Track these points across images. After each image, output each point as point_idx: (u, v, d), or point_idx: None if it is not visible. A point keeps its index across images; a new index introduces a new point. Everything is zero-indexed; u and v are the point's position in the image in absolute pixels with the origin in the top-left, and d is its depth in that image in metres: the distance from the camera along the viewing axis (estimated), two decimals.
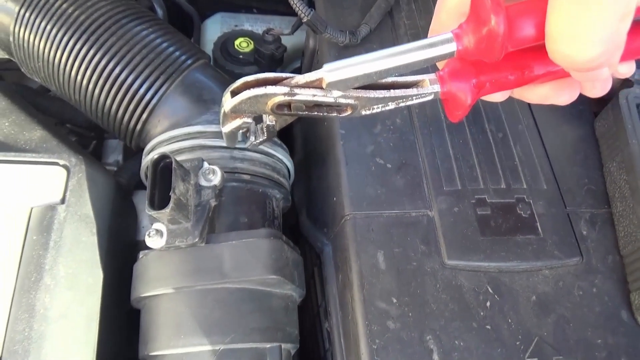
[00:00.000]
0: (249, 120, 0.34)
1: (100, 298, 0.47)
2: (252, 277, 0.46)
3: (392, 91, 0.32)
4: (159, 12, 0.75)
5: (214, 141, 0.53)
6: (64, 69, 0.56)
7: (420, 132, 0.54)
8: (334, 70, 0.30)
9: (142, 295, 0.47)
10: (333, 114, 0.33)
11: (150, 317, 0.47)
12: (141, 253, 0.49)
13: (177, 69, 0.57)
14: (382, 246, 0.46)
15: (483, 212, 0.49)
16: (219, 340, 0.44)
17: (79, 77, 0.56)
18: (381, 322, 0.43)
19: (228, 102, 0.32)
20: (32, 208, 0.48)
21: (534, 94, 0.35)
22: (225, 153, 0.53)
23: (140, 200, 0.60)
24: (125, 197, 0.58)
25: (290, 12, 0.70)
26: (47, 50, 0.57)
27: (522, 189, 0.51)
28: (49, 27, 0.56)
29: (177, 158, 0.46)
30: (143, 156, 0.57)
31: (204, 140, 0.53)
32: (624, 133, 0.50)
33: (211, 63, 0.66)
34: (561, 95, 0.34)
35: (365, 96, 0.32)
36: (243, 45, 0.80)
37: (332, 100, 0.32)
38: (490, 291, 0.45)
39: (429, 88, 0.33)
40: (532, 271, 0.47)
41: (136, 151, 0.62)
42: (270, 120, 0.34)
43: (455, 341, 0.43)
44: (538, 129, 0.56)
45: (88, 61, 0.55)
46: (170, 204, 0.42)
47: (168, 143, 0.54)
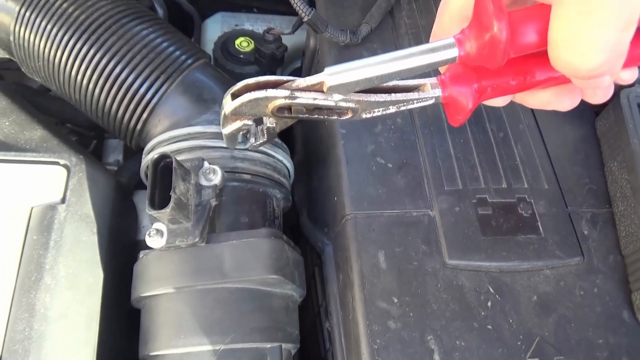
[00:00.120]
0: (249, 122, 0.34)
1: (100, 298, 0.47)
2: (253, 277, 0.46)
3: (393, 95, 0.32)
4: (160, 12, 0.75)
5: (214, 142, 0.53)
6: (64, 69, 0.56)
7: (421, 132, 0.53)
8: (335, 74, 0.30)
9: (143, 295, 0.47)
10: (333, 117, 0.33)
11: (150, 317, 0.47)
12: (141, 253, 0.49)
13: (178, 69, 0.56)
14: (383, 246, 0.46)
15: (484, 212, 0.49)
16: (220, 340, 0.44)
17: (80, 77, 0.56)
18: (382, 322, 0.43)
19: (228, 105, 0.32)
20: (33, 208, 0.48)
21: (536, 99, 0.34)
22: (225, 153, 0.53)
23: (140, 200, 0.60)
24: (125, 197, 0.58)
25: (290, 12, 0.70)
26: (48, 49, 0.57)
27: (523, 189, 0.51)
28: (50, 27, 0.56)
29: (178, 158, 0.46)
30: (143, 156, 0.57)
31: (204, 140, 0.53)
32: (625, 132, 0.50)
33: (211, 63, 0.66)
34: (562, 101, 0.34)
35: (366, 100, 0.32)
36: (243, 44, 0.80)
37: (333, 103, 0.32)
38: (491, 291, 0.45)
39: (430, 92, 0.32)
40: (534, 271, 0.47)
41: (136, 151, 0.61)
42: (270, 122, 0.34)
43: (456, 341, 0.43)
44: (539, 129, 0.56)
45: (88, 61, 0.55)
46: (170, 204, 0.42)
47: (168, 143, 0.54)
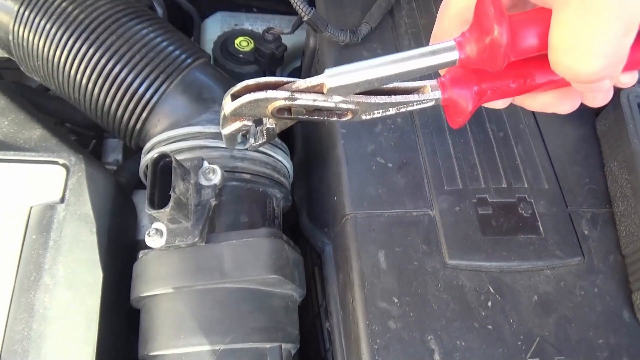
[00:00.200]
0: (249, 123, 0.34)
1: (100, 298, 0.47)
2: (253, 277, 0.46)
3: (393, 97, 0.32)
4: (159, 11, 0.75)
5: (214, 141, 0.53)
6: (64, 68, 0.56)
7: (421, 132, 0.53)
8: (335, 75, 0.30)
9: (142, 294, 0.47)
10: (333, 119, 0.33)
11: (150, 317, 0.47)
12: (141, 252, 0.49)
13: (177, 68, 0.56)
14: (383, 246, 0.46)
15: (484, 212, 0.49)
16: (219, 340, 0.44)
17: (79, 76, 0.56)
18: (382, 322, 0.43)
19: (228, 105, 0.32)
20: (32, 207, 0.48)
21: (535, 102, 0.34)
22: (225, 152, 0.53)
23: (140, 199, 0.60)
24: (125, 197, 0.58)
25: (290, 11, 0.70)
26: (47, 49, 0.56)
27: (524, 189, 0.51)
28: (49, 26, 0.56)
29: (177, 157, 0.46)
30: (142, 155, 0.57)
31: (204, 140, 0.53)
32: (626, 132, 0.50)
33: (211, 62, 0.66)
34: (562, 104, 0.34)
35: (366, 101, 0.32)
36: (243, 44, 0.80)
37: (333, 105, 0.31)
38: (491, 291, 0.45)
39: (430, 94, 0.32)
40: (534, 271, 0.47)
41: (136, 150, 0.61)
42: (270, 123, 0.34)
43: (456, 341, 0.43)
44: (539, 128, 0.56)
45: (87, 60, 0.55)
46: (170, 203, 0.42)
47: (167, 142, 0.54)
